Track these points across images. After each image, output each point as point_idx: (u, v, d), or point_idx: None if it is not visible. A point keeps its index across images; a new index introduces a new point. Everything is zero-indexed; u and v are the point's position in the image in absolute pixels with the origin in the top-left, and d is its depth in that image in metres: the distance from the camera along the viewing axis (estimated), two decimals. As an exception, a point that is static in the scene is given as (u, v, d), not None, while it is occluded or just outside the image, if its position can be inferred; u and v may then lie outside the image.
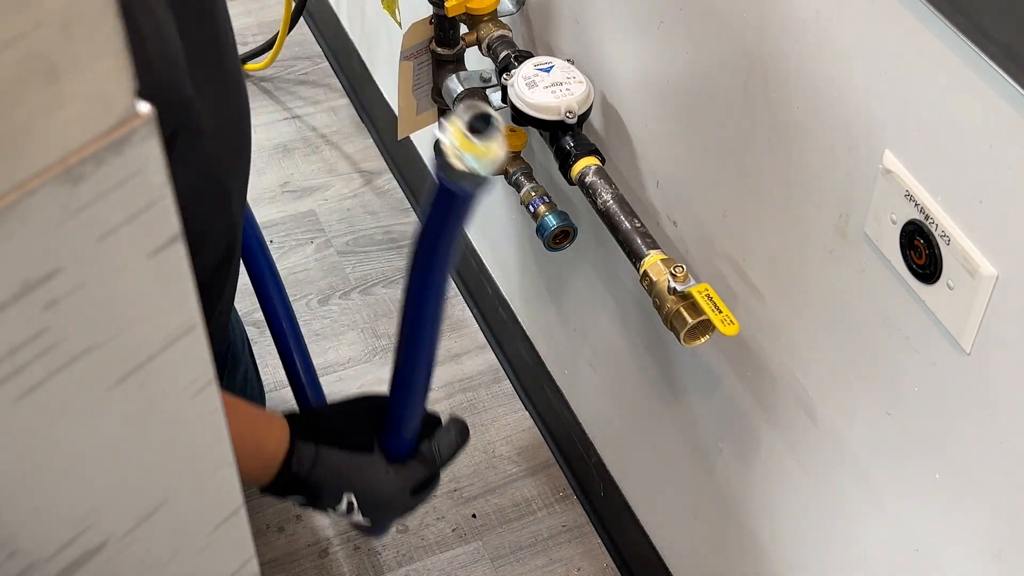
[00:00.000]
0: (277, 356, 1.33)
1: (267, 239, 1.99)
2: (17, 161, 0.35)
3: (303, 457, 1.00)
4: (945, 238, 0.77)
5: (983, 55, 0.69)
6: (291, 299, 1.90)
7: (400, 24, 1.70)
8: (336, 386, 1.79)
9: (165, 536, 0.49)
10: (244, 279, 1.27)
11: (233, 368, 1.42)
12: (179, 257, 0.41)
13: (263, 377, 1.62)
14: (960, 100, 0.73)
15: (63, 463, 0.43)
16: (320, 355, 1.83)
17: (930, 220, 0.78)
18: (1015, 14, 0.67)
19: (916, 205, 0.79)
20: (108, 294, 0.40)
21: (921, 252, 0.79)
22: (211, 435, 0.48)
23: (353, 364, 1.83)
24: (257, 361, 1.59)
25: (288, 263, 1.96)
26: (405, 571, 1.57)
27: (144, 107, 0.37)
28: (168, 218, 0.40)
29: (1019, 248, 0.72)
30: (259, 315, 1.45)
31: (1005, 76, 0.68)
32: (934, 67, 0.74)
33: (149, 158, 0.38)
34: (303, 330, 1.84)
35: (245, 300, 1.47)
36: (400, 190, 2.06)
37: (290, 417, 1.02)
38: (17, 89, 0.34)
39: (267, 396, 1.62)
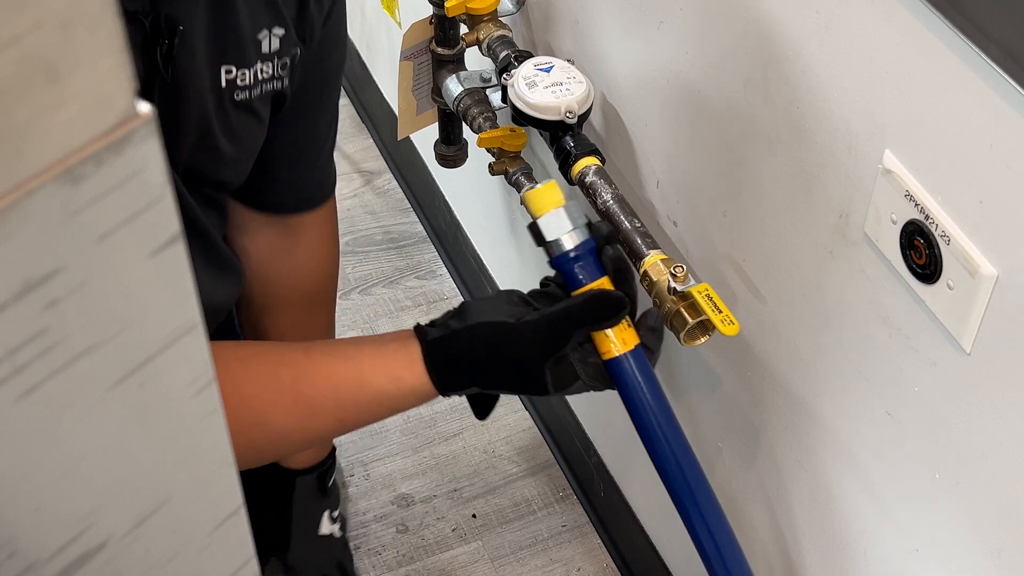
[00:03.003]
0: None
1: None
2: (17, 161, 0.35)
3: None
4: (945, 238, 0.77)
5: (983, 55, 0.69)
6: (291, 299, 1.91)
7: (400, 24, 1.70)
8: (336, 386, 1.79)
9: (165, 536, 0.49)
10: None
11: None
12: (179, 257, 0.41)
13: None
14: (960, 100, 0.73)
15: (63, 463, 0.43)
16: (320, 355, 1.83)
17: (930, 220, 0.78)
18: (1015, 14, 0.67)
19: (916, 205, 0.79)
20: (108, 294, 0.40)
21: (921, 252, 0.79)
22: (211, 435, 0.48)
23: (353, 364, 1.83)
24: None
25: (288, 263, 1.97)
26: (405, 571, 1.57)
27: (144, 107, 0.37)
28: (168, 218, 0.40)
29: (1019, 248, 0.72)
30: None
31: (1005, 76, 0.68)
32: (934, 67, 0.74)
33: (149, 158, 0.38)
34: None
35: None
36: (400, 190, 2.06)
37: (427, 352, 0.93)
38: (17, 89, 0.34)
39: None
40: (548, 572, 1.58)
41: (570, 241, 0.93)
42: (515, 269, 1.69)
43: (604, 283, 0.93)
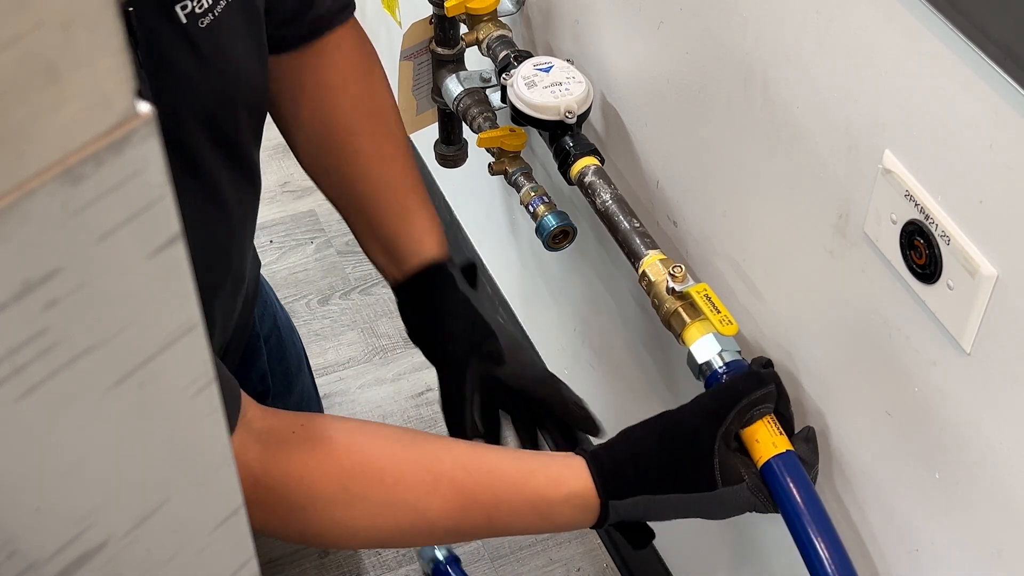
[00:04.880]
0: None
1: (267, 239, 1.99)
2: (17, 161, 0.35)
3: (623, 511, 0.92)
4: (945, 238, 0.77)
5: (983, 55, 0.69)
6: (291, 299, 1.91)
7: (400, 23, 1.70)
8: (336, 386, 1.79)
9: (165, 536, 0.49)
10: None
11: (287, 389, 1.41)
12: (179, 257, 0.41)
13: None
14: (960, 100, 0.73)
15: (63, 463, 0.43)
16: (320, 355, 1.83)
17: (930, 220, 0.78)
18: (1014, 14, 0.67)
19: (916, 205, 0.79)
20: (108, 294, 0.40)
21: (921, 252, 0.79)
22: (211, 435, 0.48)
23: (353, 364, 1.83)
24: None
25: (288, 263, 1.97)
26: (405, 571, 1.57)
27: (144, 107, 0.37)
28: (168, 218, 0.40)
29: (1019, 248, 0.72)
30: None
31: (1005, 76, 0.68)
32: (934, 67, 0.74)
33: (149, 158, 0.38)
34: (303, 330, 1.84)
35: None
36: (400, 190, 2.06)
37: (595, 471, 0.92)
38: (17, 89, 0.34)
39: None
40: (548, 572, 1.58)
41: (720, 361, 0.97)
42: (515, 268, 1.69)
43: None
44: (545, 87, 1.17)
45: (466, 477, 0.90)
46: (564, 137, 1.17)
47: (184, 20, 0.89)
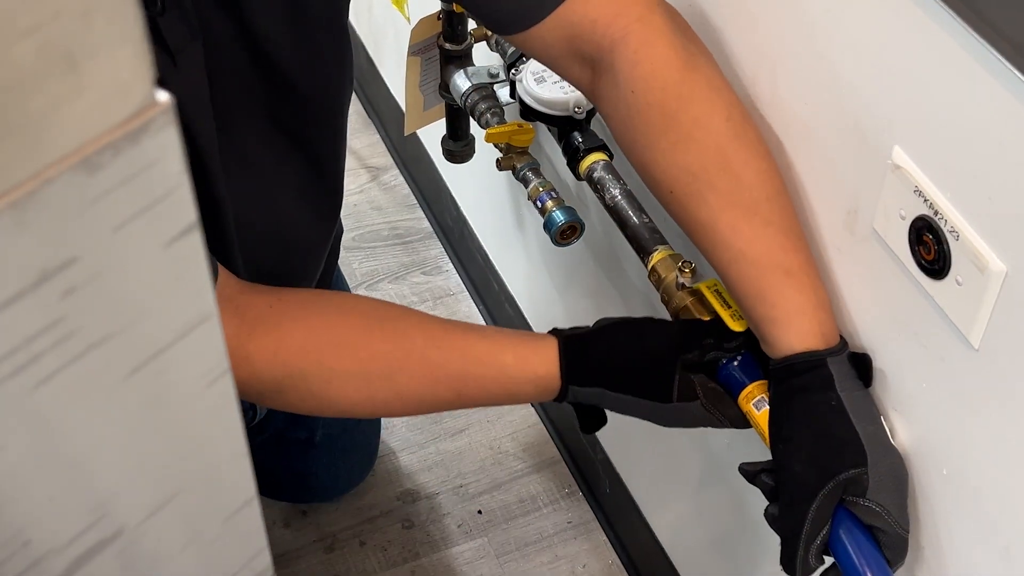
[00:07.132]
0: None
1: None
2: (35, 150, 0.35)
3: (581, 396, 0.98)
4: (954, 234, 0.77)
5: (993, 50, 0.69)
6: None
7: (408, 19, 1.71)
8: (342, 382, 1.79)
9: (178, 526, 0.50)
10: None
11: None
12: (195, 247, 0.41)
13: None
14: (970, 96, 0.73)
15: (78, 452, 0.44)
16: (326, 351, 1.83)
17: (939, 216, 0.78)
18: (1026, 10, 0.67)
19: (925, 201, 0.79)
20: (124, 284, 0.40)
21: (930, 248, 0.79)
22: (225, 425, 0.48)
23: (359, 360, 1.83)
24: None
25: (294, 259, 1.97)
26: (411, 567, 1.57)
27: (162, 96, 0.37)
28: (185, 208, 0.40)
29: (1029, 244, 0.72)
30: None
31: (1015, 72, 0.68)
32: (944, 63, 0.74)
33: (167, 148, 0.38)
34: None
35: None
36: (406, 186, 2.06)
37: (564, 354, 0.95)
38: (36, 78, 0.34)
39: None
40: (553, 568, 1.58)
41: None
42: (522, 265, 1.70)
43: (762, 385, 0.93)
44: (554, 82, 1.17)
45: (437, 354, 0.95)
46: (573, 132, 1.17)
47: None
